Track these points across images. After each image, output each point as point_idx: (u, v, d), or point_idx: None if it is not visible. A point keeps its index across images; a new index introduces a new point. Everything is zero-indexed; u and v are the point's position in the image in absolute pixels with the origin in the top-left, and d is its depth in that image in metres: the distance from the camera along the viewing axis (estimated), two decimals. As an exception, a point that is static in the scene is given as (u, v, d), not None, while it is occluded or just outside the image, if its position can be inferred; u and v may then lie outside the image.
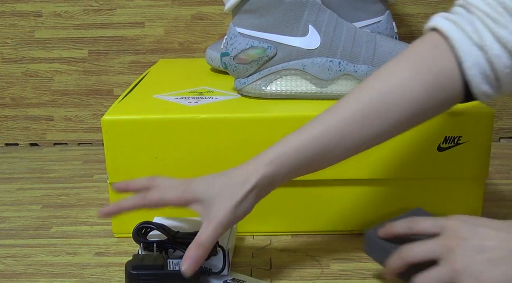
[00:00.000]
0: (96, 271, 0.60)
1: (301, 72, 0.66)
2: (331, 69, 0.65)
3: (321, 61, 0.65)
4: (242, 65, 0.66)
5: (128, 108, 0.65)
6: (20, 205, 0.78)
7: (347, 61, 0.65)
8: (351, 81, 0.66)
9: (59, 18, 0.98)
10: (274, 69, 0.66)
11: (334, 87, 0.66)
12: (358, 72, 0.65)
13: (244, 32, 0.66)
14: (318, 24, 0.65)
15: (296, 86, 0.66)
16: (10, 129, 1.05)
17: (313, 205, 0.66)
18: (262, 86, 0.66)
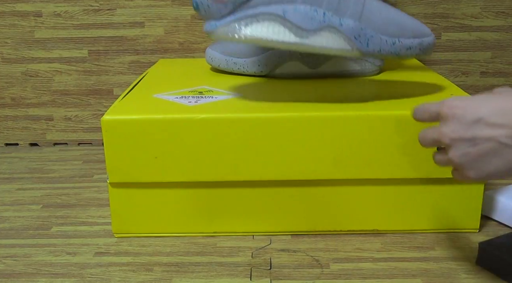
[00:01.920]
0: (96, 271, 0.60)
1: (281, 19, 0.60)
2: (314, 19, 0.60)
3: (304, 9, 0.60)
4: (216, 5, 0.60)
5: (128, 108, 0.65)
6: (20, 205, 0.78)
7: (333, 13, 0.60)
8: (335, 35, 0.61)
9: (59, 18, 0.98)
10: (251, 12, 0.60)
11: (315, 39, 0.60)
12: (344, 27, 0.60)
13: None
14: None
15: (274, 34, 0.60)
16: (10, 129, 1.05)
17: (313, 205, 0.66)
18: (236, 29, 0.60)
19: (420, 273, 0.59)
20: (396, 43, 0.61)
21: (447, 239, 0.65)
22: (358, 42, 0.60)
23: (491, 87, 1.01)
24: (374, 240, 0.66)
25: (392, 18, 0.62)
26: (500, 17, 0.97)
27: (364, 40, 0.60)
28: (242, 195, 0.65)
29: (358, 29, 0.60)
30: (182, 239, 0.67)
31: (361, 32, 0.60)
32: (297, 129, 0.62)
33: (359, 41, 0.60)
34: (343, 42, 0.60)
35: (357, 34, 0.60)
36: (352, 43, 0.60)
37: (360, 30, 0.60)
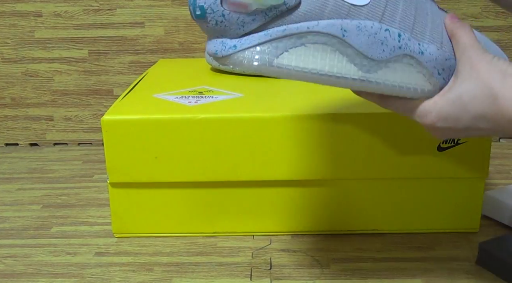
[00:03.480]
0: (96, 271, 0.60)
1: (339, 41, 0.40)
2: (387, 44, 0.40)
3: (372, 28, 0.40)
4: (236, 15, 0.39)
5: (128, 108, 0.65)
6: (20, 205, 0.78)
7: (410, 35, 0.41)
8: (413, 69, 0.41)
9: (59, 18, 0.98)
10: (293, 29, 0.39)
11: (386, 75, 0.41)
12: (425, 55, 0.41)
13: None
14: None
15: (327, 65, 0.40)
16: (10, 129, 1.05)
17: (313, 205, 0.66)
18: (268, 56, 0.40)
19: (420, 273, 0.59)
20: None
21: (447, 239, 0.65)
22: (442, 78, 0.42)
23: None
24: (374, 240, 0.66)
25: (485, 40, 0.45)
26: (500, 17, 0.97)
27: (448, 75, 0.42)
28: (242, 195, 0.65)
29: (443, 60, 0.42)
30: (182, 239, 0.67)
31: (446, 63, 0.42)
32: (297, 129, 0.62)
33: (442, 77, 0.42)
34: (423, 79, 0.42)
35: (441, 68, 0.42)
36: (433, 81, 0.42)
37: (445, 61, 0.42)
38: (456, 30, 0.42)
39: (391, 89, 0.42)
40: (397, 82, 0.41)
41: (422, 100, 0.42)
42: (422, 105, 0.42)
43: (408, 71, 0.41)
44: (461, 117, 0.40)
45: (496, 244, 0.59)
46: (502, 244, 0.59)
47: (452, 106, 0.41)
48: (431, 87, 0.42)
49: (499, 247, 0.58)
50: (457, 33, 0.42)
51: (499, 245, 0.59)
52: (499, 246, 0.59)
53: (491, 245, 0.59)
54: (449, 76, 0.42)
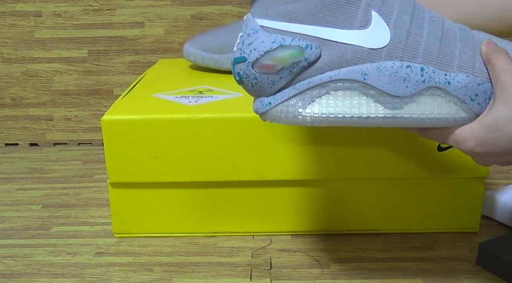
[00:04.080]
0: (96, 271, 0.60)
1: (361, 85, 0.42)
2: (409, 80, 0.42)
3: (392, 67, 0.42)
4: (266, 76, 0.43)
5: (128, 108, 0.65)
6: (20, 205, 0.78)
7: (434, 67, 0.42)
8: (441, 99, 0.43)
9: (59, 18, 0.98)
10: (317, 80, 0.43)
11: (413, 109, 0.43)
12: (453, 85, 0.42)
13: (269, 25, 0.42)
14: (385, 9, 0.42)
15: (352, 108, 0.43)
16: (10, 129, 1.05)
17: (313, 205, 0.66)
18: (298, 108, 0.43)
19: (420, 273, 0.59)
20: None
21: (447, 239, 0.65)
22: (476, 104, 0.42)
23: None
24: (374, 240, 0.66)
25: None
26: (500, 17, 0.97)
27: (483, 100, 0.42)
28: (242, 195, 0.65)
29: (475, 85, 0.42)
30: (182, 239, 0.67)
31: (478, 89, 0.42)
32: (297, 129, 0.62)
33: (476, 102, 0.42)
34: (454, 108, 0.42)
35: (473, 93, 0.42)
36: (467, 108, 0.42)
37: (478, 86, 0.42)
38: (491, 55, 0.42)
39: (421, 122, 0.43)
40: (426, 114, 0.42)
41: (458, 127, 0.43)
42: (459, 132, 0.42)
43: (436, 103, 0.43)
44: (499, 142, 0.40)
45: (496, 244, 0.59)
46: (502, 244, 0.59)
47: (488, 131, 0.41)
48: (465, 114, 0.42)
49: (499, 247, 0.58)
50: (492, 58, 0.42)
51: (499, 245, 0.59)
52: (499, 246, 0.59)
53: (491, 245, 0.59)
54: (485, 101, 0.42)
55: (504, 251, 0.57)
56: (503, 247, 0.58)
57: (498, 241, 0.60)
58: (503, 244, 0.59)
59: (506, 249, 0.58)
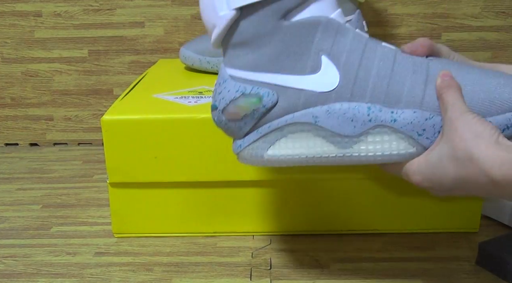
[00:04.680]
0: (96, 271, 0.60)
1: (314, 127, 0.45)
2: (357, 120, 0.44)
3: (340, 109, 0.44)
4: (233, 122, 0.46)
5: (128, 108, 0.65)
6: (20, 205, 0.78)
7: (381, 105, 0.43)
8: (388, 137, 0.44)
9: (59, 18, 0.98)
10: (276, 124, 0.45)
11: (362, 147, 0.44)
12: (399, 122, 0.43)
13: (236, 74, 0.46)
14: (335, 53, 0.44)
15: (308, 148, 0.45)
16: (10, 129, 1.05)
17: (313, 205, 0.66)
18: (261, 150, 0.46)
19: (420, 273, 0.59)
20: None
21: (447, 239, 0.65)
22: (424, 138, 0.43)
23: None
24: (374, 240, 0.66)
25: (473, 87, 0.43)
26: (500, 17, 0.97)
27: (432, 134, 0.43)
28: (242, 195, 0.65)
29: (422, 121, 0.43)
30: (182, 239, 0.67)
31: (426, 123, 0.43)
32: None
33: (425, 137, 0.43)
34: (403, 144, 0.43)
35: (421, 129, 0.43)
36: (415, 143, 0.43)
37: (425, 121, 0.43)
38: (442, 90, 0.42)
39: (372, 159, 0.45)
40: (374, 152, 0.44)
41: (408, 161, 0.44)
42: (409, 166, 0.43)
43: (383, 140, 0.44)
44: (443, 180, 0.41)
45: (496, 244, 0.59)
46: (502, 244, 0.59)
47: (433, 168, 0.41)
48: (414, 149, 0.43)
49: (499, 247, 0.58)
50: (443, 93, 0.42)
51: (499, 245, 0.59)
52: (499, 246, 0.59)
53: (491, 245, 0.59)
54: (434, 134, 0.43)
55: (504, 251, 0.57)
56: (503, 247, 0.58)
57: (498, 241, 0.60)
58: (503, 244, 0.59)
59: (506, 249, 0.58)
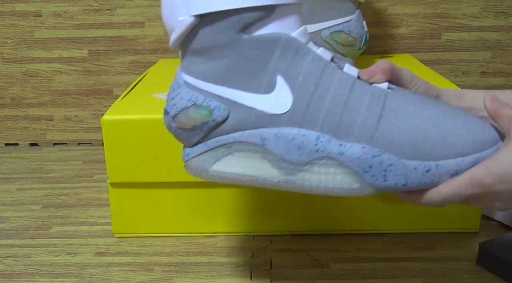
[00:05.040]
0: (96, 271, 0.60)
1: (261, 149, 0.43)
2: (304, 148, 0.42)
3: (289, 134, 0.42)
4: (183, 130, 0.45)
5: (128, 108, 0.65)
6: (20, 205, 0.78)
7: (331, 136, 0.42)
8: (333, 170, 0.42)
9: (59, 18, 0.98)
10: (224, 140, 0.44)
11: (306, 177, 0.43)
12: (346, 156, 0.41)
13: (190, 82, 0.44)
14: (291, 74, 0.42)
15: (252, 169, 0.44)
16: (10, 129, 1.05)
17: (313, 205, 0.66)
18: (207, 164, 0.45)
19: (420, 273, 0.59)
20: (431, 170, 0.41)
21: (447, 239, 0.65)
22: (370, 176, 0.41)
23: (491, 87, 1.01)
24: (374, 240, 0.66)
25: (428, 128, 0.41)
26: (500, 17, 0.97)
27: (378, 172, 0.41)
28: (242, 195, 0.65)
29: (369, 157, 0.41)
30: (182, 239, 0.67)
31: (373, 161, 0.41)
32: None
33: (370, 174, 0.41)
34: (347, 179, 0.42)
35: (367, 165, 0.41)
36: (360, 179, 0.41)
37: (372, 158, 0.41)
38: (500, 109, 0.41)
39: (315, 190, 0.43)
40: (317, 183, 0.42)
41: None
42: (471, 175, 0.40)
43: (328, 172, 0.42)
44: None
45: (496, 244, 0.59)
46: (502, 244, 0.59)
47: (508, 164, 0.39)
48: (358, 185, 0.42)
49: (499, 247, 0.58)
50: (502, 111, 0.41)
51: (499, 245, 0.59)
52: (499, 246, 0.59)
53: (491, 245, 0.59)
54: (381, 173, 0.41)
55: (504, 251, 0.57)
56: (503, 247, 0.58)
57: (498, 241, 0.60)
58: (503, 244, 0.59)
59: (506, 249, 0.58)
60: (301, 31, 0.42)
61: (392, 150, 0.41)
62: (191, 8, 0.41)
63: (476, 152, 0.40)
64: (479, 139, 0.41)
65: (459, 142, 0.41)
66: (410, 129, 0.41)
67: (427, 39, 0.99)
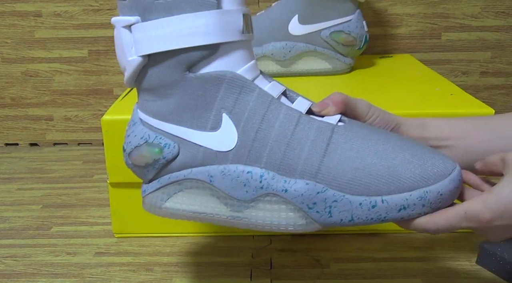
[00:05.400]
0: (96, 271, 0.60)
1: (209, 186, 0.44)
2: (249, 185, 0.42)
3: (235, 171, 0.43)
4: (137, 168, 0.46)
5: (128, 108, 0.65)
6: (20, 205, 0.78)
7: (276, 173, 0.42)
8: (278, 206, 0.42)
9: (59, 18, 0.98)
10: (175, 177, 0.45)
11: (252, 214, 0.43)
12: (289, 193, 0.41)
13: (145, 119, 0.45)
14: (236, 112, 0.42)
15: (202, 206, 0.45)
16: (10, 129, 1.05)
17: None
18: (160, 200, 0.46)
19: (420, 273, 0.59)
20: (377, 206, 0.41)
21: (447, 239, 0.65)
22: (315, 212, 0.41)
23: (491, 87, 1.01)
24: (374, 240, 0.66)
25: (374, 162, 0.41)
26: (500, 17, 0.97)
27: (323, 208, 0.41)
28: (242, 195, 0.65)
29: (313, 194, 0.41)
30: (182, 239, 0.67)
31: (317, 197, 0.41)
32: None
33: (315, 211, 0.41)
34: (293, 215, 0.42)
35: (311, 202, 0.41)
36: (305, 215, 0.41)
37: (316, 194, 0.41)
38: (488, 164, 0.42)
39: (261, 227, 0.43)
40: (263, 220, 0.42)
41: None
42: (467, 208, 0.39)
43: (273, 209, 0.42)
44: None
45: (496, 244, 0.59)
46: (502, 244, 0.59)
47: (506, 201, 0.38)
48: (304, 221, 0.42)
49: (499, 247, 0.58)
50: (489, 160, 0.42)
51: (499, 245, 0.59)
52: (499, 246, 0.59)
53: (491, 245, 0.59)
54: (325, 209, 0.41)
55: (504, 251, 0.57)
56: (503, 247, 0.58)
57: (498, 241, 0.60)
58: (503, 244, 0.59)
59: (506, 249, 0.58)
60: (248, 67, 0.43)
61: (337, 185, 0.41)
62: (138, 48, 0.42)
63: (425, 186, 0.40)
64: (427, 173, 0.40)
65: (406, 176, 0.40)
66: (355, 165, 0.41)
67: (427, 39, 0.99)
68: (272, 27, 0.79)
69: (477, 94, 1.02)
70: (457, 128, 0.47)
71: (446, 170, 0.40)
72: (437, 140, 0.47)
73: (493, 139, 0.46)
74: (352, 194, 0.41)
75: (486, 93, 1.02)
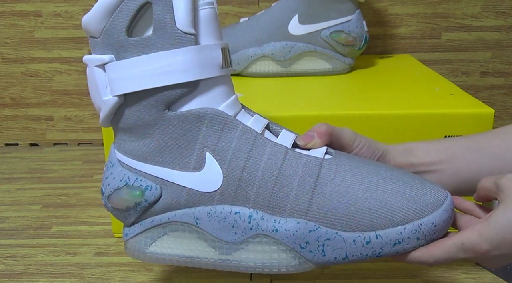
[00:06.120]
0: (96, 271, 0.60)
1: (195, 228, 0.42)
2: (238, 227, 0.41)
3: (222, 212, 0.41)
4: (118, 211, 0.44)
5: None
6: (20, 205, 0.78)
7: (264, 212, 0.40)
8: (269, 247, 0.41)
9: (59, 18, 0.98)
10: (158, 220, 0.43)
11: (242, 256, 0.42)
12: (280, 233, 0.40)
13: (123, 160, 0.43)
14: (220, 151, 0.41)
15: (188, 250, 0.43)
16: (10, 129, 1.05)
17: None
18: (143, 245, 0.44)
19: (420, 273, 0.59)
20: (371, 241, 0.39)
21: (447, 239, 0.65)
22: (308, 251, 0.40)
23: (491, 87, 1.01)
24: (374, 240, 0.65)
25: (365, 197, 0.40)
26: (500, 17, 0.97)
27: (316, 247, 0.40)
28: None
29: (305, 233, 0.40)
30: (182, 239, 0.67)
31: (310, 236, 0.40)
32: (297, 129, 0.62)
33: (308, 250, 0.40)
34: (284, 256, 0.41)
35: (303, 241, 0.40)
36: (298, 255, 0.40)
37: (308, 233, 0.40)
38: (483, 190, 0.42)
39: (252, 269, 0.42)
40: (254, 262, 0.41)
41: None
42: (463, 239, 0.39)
43: (264, 250, 0.41)
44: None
45: None
46: None
47: (503, 231, 0.38)
48: (296, 261, 0.41)
49: None
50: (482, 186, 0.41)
51: None
52: None
53: None
54: (318, 248, 0.40)
55: None
56: None
57: None
58: None
59: None
60: (229, 102, 0.42)
61: (329, 222, 0.39)
62: (114, 88, 0.40)
63: (418, 218, 0.39)
64: (420, 204, 0.39)
65: (398, 210, 0.39)
66: (346, 200, 0.39)
67: (427, 39, 0.99)
68: (272, 27, 0.79)
69: (477, 94, 1.02)
70: (443, 151, 0.46)
71: (438, 200, 0.40)
72: (425, 166, 0.46)
73: (480, 160, 0.45)
74: (345, 230, 0.39)
75: (486, 93, 1.02)
